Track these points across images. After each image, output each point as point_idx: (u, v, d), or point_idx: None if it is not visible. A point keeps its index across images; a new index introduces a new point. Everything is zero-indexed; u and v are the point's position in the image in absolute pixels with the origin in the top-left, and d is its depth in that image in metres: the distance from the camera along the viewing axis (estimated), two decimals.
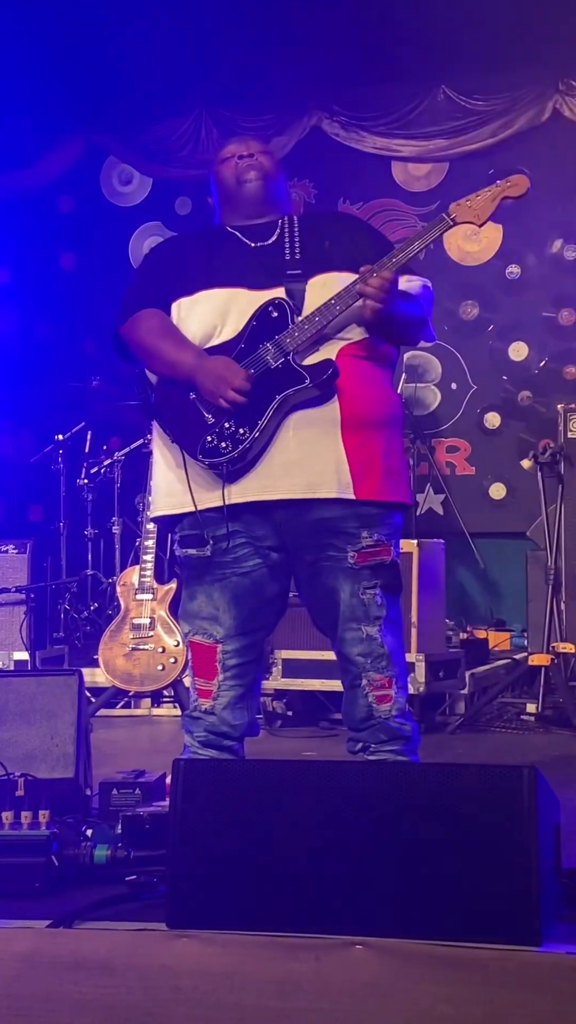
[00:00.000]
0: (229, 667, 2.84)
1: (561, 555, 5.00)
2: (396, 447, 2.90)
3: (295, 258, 2.86)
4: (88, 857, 2.52)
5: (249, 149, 3.01)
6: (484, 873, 2.03)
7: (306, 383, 2.76)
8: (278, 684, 5.01)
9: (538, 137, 6.67)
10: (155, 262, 3.05)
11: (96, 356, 7.16)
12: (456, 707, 5.07)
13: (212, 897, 2.13)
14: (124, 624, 4.97)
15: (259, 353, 2.79)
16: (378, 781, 2.16)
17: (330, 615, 2.84)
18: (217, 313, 2.85)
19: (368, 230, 3.09)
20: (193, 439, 2.81)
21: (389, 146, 6.85)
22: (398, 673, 2.83)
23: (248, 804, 2.17)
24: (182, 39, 6.51)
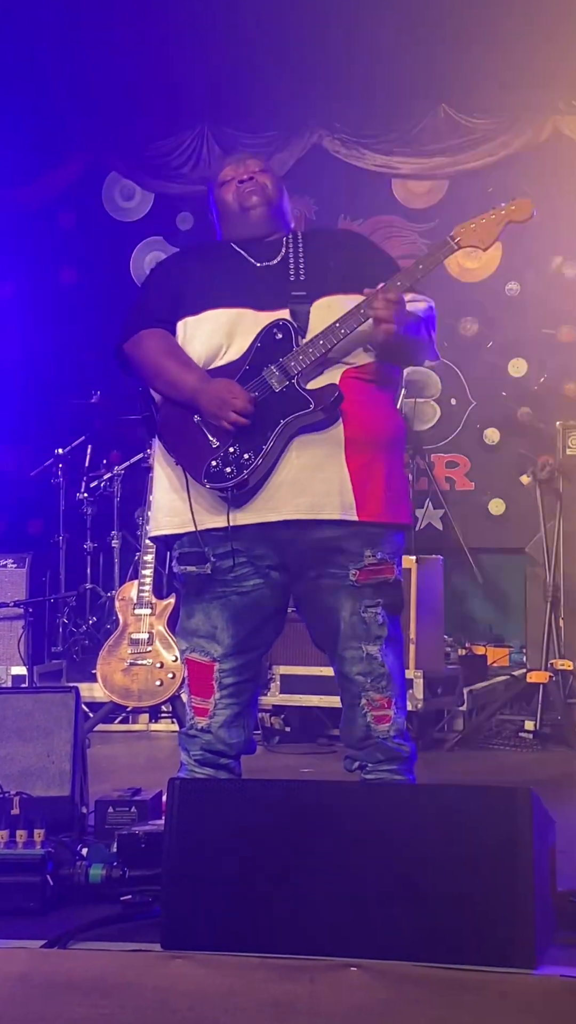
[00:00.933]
0: (226, 685, 2.84)
1: (559, 571, 5.00)
2: (398, 468, 2.91)
3: (300, 279, 2.86)
4: (83, 876, 2.52)
5: (248, 171, 2.98)
6: (479, 895, 2.03)
7: (310, 408, 2.76)
8: (276, 700, 5.01)
9: (538, 156, 6.69)
10: (161, 279, 3.04)
11: (97, 370, 7.16)
12: (454, 724, 5.06)
13: (207, 918, 2.13)
14: (122, 639, 4.97)
15: (263, 376, 2.79)
16: (374, 802, 2.16)
17: (330, 633, 2.84)
18: (222, 333, 2.85)
19: (371, 249, 3.08)
20: (197, 462, 2.81)
21: (389, 163, 6.87)
22: (398, 693, 2.83)
23: (244, 824, 2.17)
24: (184, 56, 6.54)
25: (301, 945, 2.07)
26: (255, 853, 2.15)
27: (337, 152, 6.92)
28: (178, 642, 2.97)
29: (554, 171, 6.68)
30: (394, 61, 6.43)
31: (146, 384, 2.96)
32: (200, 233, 7.13)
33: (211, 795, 2.24)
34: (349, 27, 6.25)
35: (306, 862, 2.12)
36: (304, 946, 2.06)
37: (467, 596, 6.67)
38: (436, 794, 2.15)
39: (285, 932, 2.09)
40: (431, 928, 2.04)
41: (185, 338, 2.89)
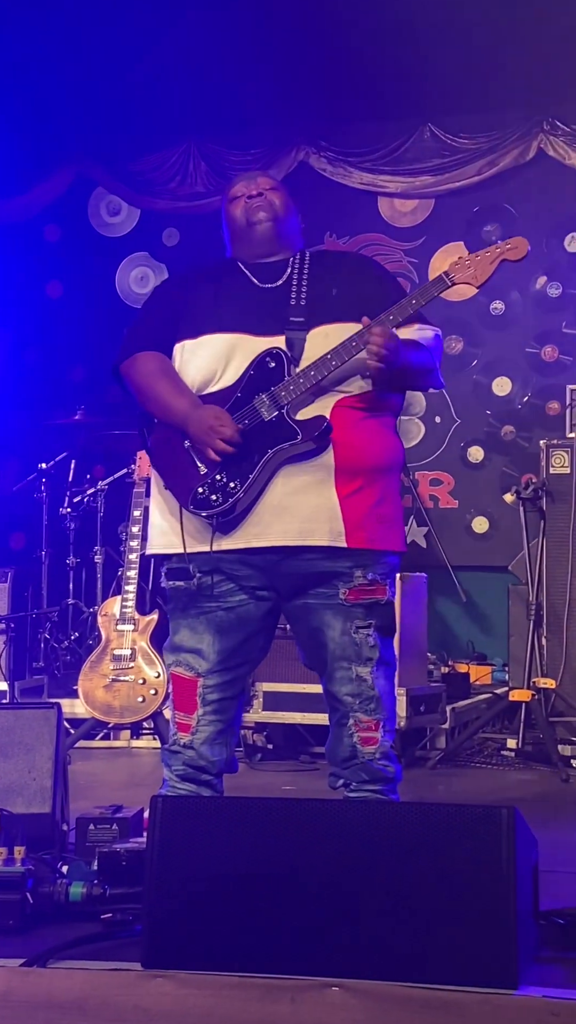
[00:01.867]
0: (210, 701, 2.83)
1: (542, 590, 5.01)
2: (391, 494, 2.90)
3: (300, 304, 2.85)
4: (63, 894, 2.50)
5: (258, 188, 2.99)
6: (462, 915, 2.03)
7: (297, 439, 2.77)
8: (259, 717, 5.00)
9: (523, 175, 6.73)
10: (161, 299, 3.05)
11: (82, 385, 7.17)
12: (437, 741, 5.05)
13: (188, 936, 2.12)
14: (105, 655, 4.95)
15: (254, 404, 2.80)
16: (357, 820, 2.15)
17: (320, 653, 2.84)
18: (218, 359, 2.85)
19: (379, 278, 3.03)
20: (184, 488, 2.83)
21: (375, 182, 6.90)
22: (386, 717, 2.83)
23: (226, 842, 2.16)
24: (172, 72, 6.56)
25: (283, 964, 2.06)
26: (237, 871, 2.14)
27: (323, 170, 6.95)
28: (164, 656, 2.97)
29: (539, 191, 6.73)
30: (380, 80, 6.46)
31: (140, 406, 2.97)
32: (186, 249, 7.15)
33: (193, 813, 2.23)
34: (336, 46, 6.28)
35: (288, 880, 2.11)
36: (286, 965, 2.05)
37: (450, 614, 6.68)
38: (419, 812, 2.14)
39: (267, 951, 2.08)
40: (413, 947, 2.03)
41: (182, 361, 2.90)
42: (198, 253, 3.14)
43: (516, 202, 6.78)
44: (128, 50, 6.36)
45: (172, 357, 2.91)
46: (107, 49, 6.36)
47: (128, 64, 6.46)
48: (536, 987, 2.00)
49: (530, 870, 2.20)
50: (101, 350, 7.14)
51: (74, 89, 6.74)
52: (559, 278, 6.69)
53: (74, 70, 6.58)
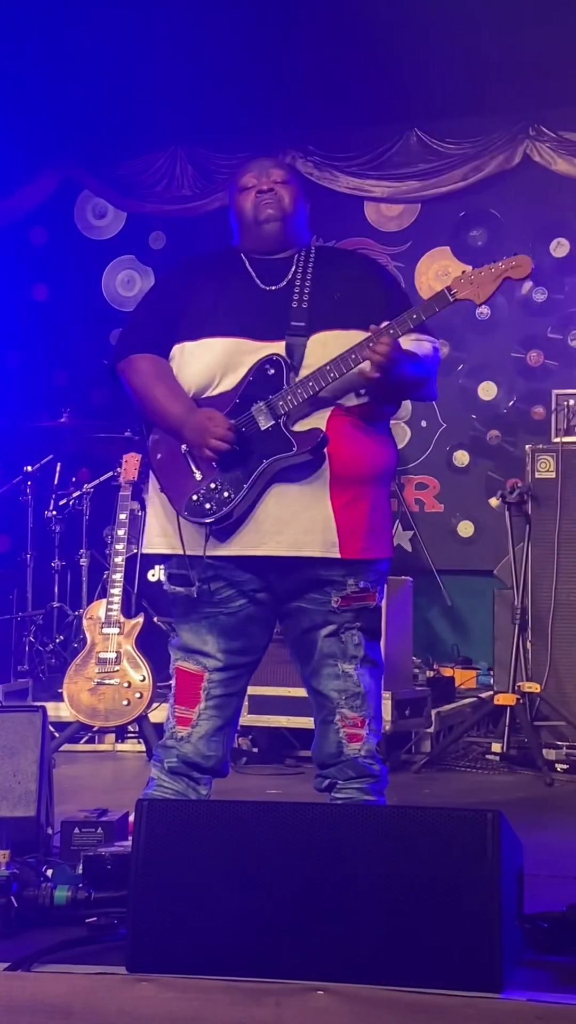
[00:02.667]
0: (213, 696, 2.86)
1: (528, 594, 5.03)
2: (383, 502, 2.92)
3: (302, 307, 2.84)
4: (48, 898, 2.49)
5: (269, 182, 2.94)
6: (446, 919, 2.03)
7: (293, 451, 2.77)
8: (244, 720, 4.98)
9: (509, 181, 6.75)
10: (161, 297, 3.02)
11: (67, 387, 7.16)
12: (422, 745, 5.06)
13: (173, 940, 2.11)
14: (90, 658, 4.94)
15: (251, 413, 2.80)
16: (341, 824, 2.15)
17: (308, 652, 2.87)
18: (217, 363, 2.85)
19: (383, 283, 3.02)
20: (180, 494, 2.84)
21: (362, 186, 6.91)
22: (372, 716, 2.85)
23: (210, 846, 2.16)
24: (159, 75, 6.55)
25: (267, 968, 2.06)
26: (221, 875, 2.13)
27: (310, 174, 6.95)
28: (172, 653, 2.98)
29: (525, 196, 6.75)
30: (367, 85, 6.47)
31: (137, 408, 2.97)
32: (173, 253, 7.14)
33: (178, 816, 2.23)
34: (323, 50, 6.29)
35: (273, 884, 2.11)
36: (271, 969, 2.05)
37: (435, 618, 6.69)
38: (404, 816, 2.14)
39: (252, 955, 2.08)
40: (398, 951, 2.04)
41: (181, 363, 2.89)
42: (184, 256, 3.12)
43: (502, 207, 6.80)
44: (115, 53, 6.35)
45: (171, 357, 2.90)
46: (93, 52, 6.35)
47: (115, 67, 6.45)
48: (520, 990, 2.00)
49: (515, 874, 2.20)
50: (87, 353, 7.22)
51: (60, 92, 6.73)
52: (545, 283, 6.71)
53: (61, 73, 6.57)
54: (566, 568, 4.99)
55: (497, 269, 2.84)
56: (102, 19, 6.11)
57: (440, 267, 6.81)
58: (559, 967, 2.18)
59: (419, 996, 1.97)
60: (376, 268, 3.13)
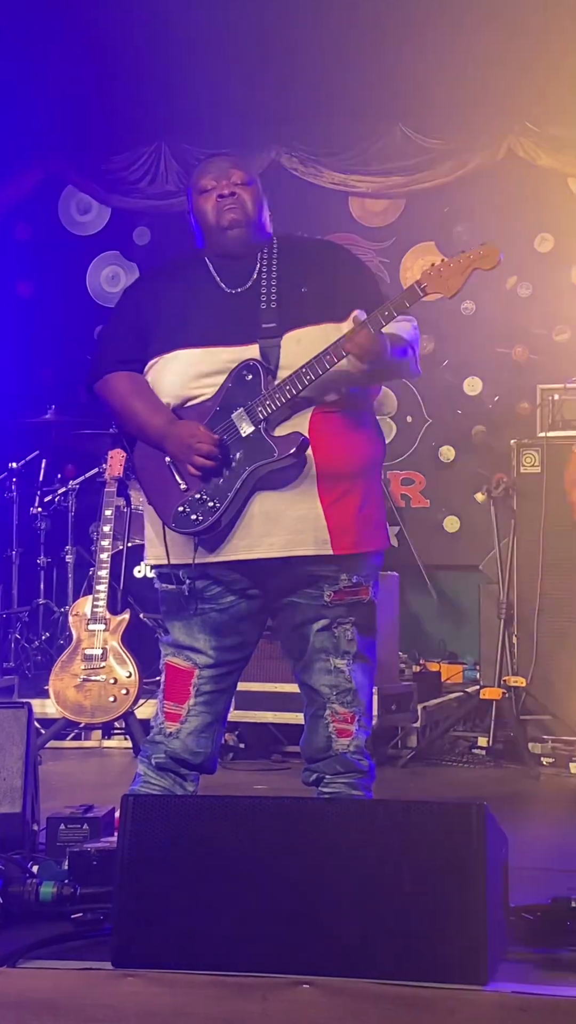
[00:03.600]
0: (203, 692, 2.86)
1: (513, 589, 5.04)
2: (374, 493, 2.92)
3: (271, 307, 2.83)
4: (34, 894, 2.49)
5: (230, 185, 2.91)
6: (432, 912, 2.03)
7: (275, 456, 2.77)
8: (231, 716, 4.91)
9: (493, 176, 6.76)
10: (130, 311, 3.00)
11: (52, 384, 7.14)
12: (408, 740, 5.06)
13: (159, 936, 2.11)
14: (76, 654, 4.93)
15: (232, 420, 2.80)
16: (328, 818, 2.16)
17: (300, 646, 2.87)
18: (192, 373, 2.85)
19: (349, 268, 2.99)
20: (166, 505, 2.84)
21: (347, 182, 6.92)
22: (362, 712, 2.86)
23: (196, 841, 2.16)
24: (143, 71, 6.54)
25: (253, 962, 2.06)
26: (207, 870, 2.14)
27: (295, 170, 6.96)
28: (162, 648, 2.98)
29: (509, 191, 6.76)
30: (352, 81, 6.47)
31: (117, 425, 2.98)
32: (157, 249, 7.13)
33: (164, 811, 2.23)
34: (307, 47, 6.28)
35: (258, 879, 2.11)
36: (256, 963, 2.05)
37: (421, 613, 6.70)
38: (390, 810, 2.15)
39: (237, 949, 2.08)
40: (384, 944, 2.04)
41: (156, 377, 2.89)
42: (169, 252, 3.10)
43: (486, 203, 6.81)
44: (99, 48, 6.34)
45: (146, 372, 2.90)
46: (77, 47, 6.34)
47: (98, 62, 6.43)
48: (506, 983, 2.01)
49: (500, 867, 2.21)
50: (72, 349, 7.19)
51: (44, 87, 6.71)
52: (529, 278, 6.72)
53: (44, 68, 6.55)
54: (551, 563, 5.00)
55: (465, 260, 2.81)
56: (86, 14, 6.10)
57: (425, 262, 6.71)
58: (544, 959, 2.18)
59: (404, 989, 1.97)
60: (339, 252, 3.08)
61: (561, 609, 5.01)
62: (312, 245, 3.08)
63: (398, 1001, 1.94)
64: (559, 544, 4.97)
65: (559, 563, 4.98)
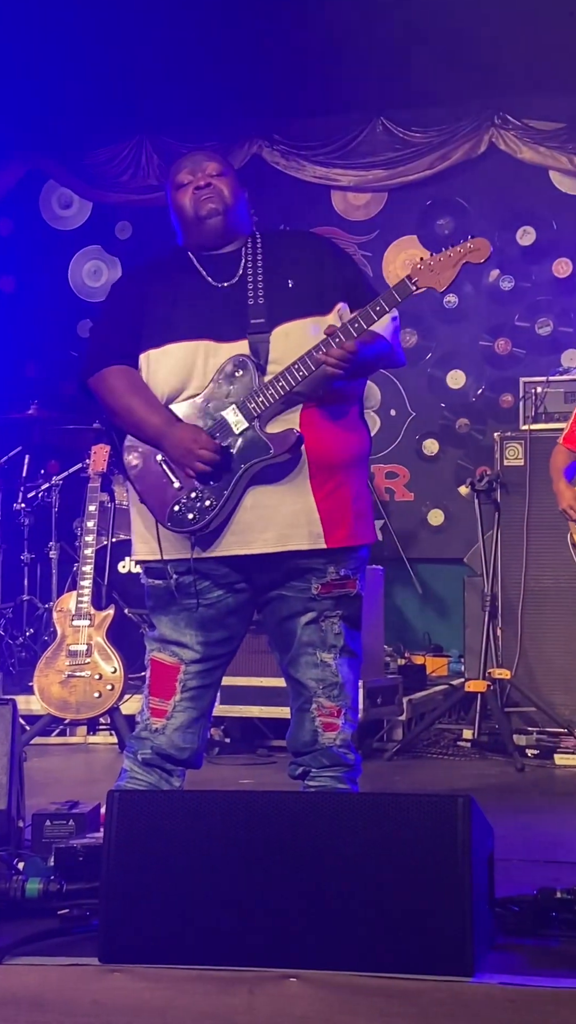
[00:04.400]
0: (189, 688, 2.86)
1: (497, 581, 5.05)
2: (363, 486, 2.93)
3: (259, 303, 2.83)
4: (20, 891, 2.48)
5: (205, 176, 2.91)
6: (418, 904, 2.04)
7: (270, 454, 2.77)
8: (216, 710, 4.92)
9: (474, 169, 6.77)
10: (119, 306, 2.99)
11: (35, 379, 7.12)
12: (394, 733, 5.08)
13: (145, 931, 2.11)
14: (60, 650, 4.92)
15: (224, 416, 2.80)
16: (313, 812, 2.16)
17: (287, 639, 2.87)
18: (183, 368, 2.84)
19: (333, 259, 2.98)
20: (160, 503, 2.84)
21: (328, 175, 6.91)
22: (348, 706, 2.86)
23: (182, 836, 2.16)
24: (124, 65, 6.52)
25: (240, 956, 2.06)
26: (193, 865, 2.14)
27: (276, 163, 6.95)
28: (148, 644, 2.97)
29: (491, 184, 6.77)
30: (333, 74, 6.46)
31: (111, 421, 2.95)
32: (139, 243, 7.11)
33: (150, 806, 2.23)
34: (289, 39, 6.27)
35: (245, 873, 2.11)
36: (243, 957, 2.06)
37: (406, 606, 6.71)
38: (376, 802, 2.15)
39: (224, 944, 2.08)
40: (370, 937, 2.04)
41: (149, 372, 2.88)
42: (151, 246, 3.09)
43: (468, 196, 6.81)
44: (79, 42, 6.31)
45: (138, 367, 2.89)
46: (58, 41, 6.31)
47: (80, 56, 6.41)
48: (492, 974, 2.02)
49: (485, 858, 2.22)
50: (55, 344, 7.18)
51: (25, 81, 6.68)
52: (511, 271, 6.73)
53: (25, 62, 6.52)
54: (535, 555, 5.02)
55: (456, 254, 2.82)
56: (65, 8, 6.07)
57: (408, 256, 6.82)
58: (530, 950, 2.19)
59: (391, 981, 1.98)
60: (324, 245, 3.07)
61: (545, 601, 5.03)
62: (296, 238, 3.10)
63: (385, 993, 1.95)
64: (543, 536, 4.98)
65: (543, 555, 5.00)
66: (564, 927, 2.25)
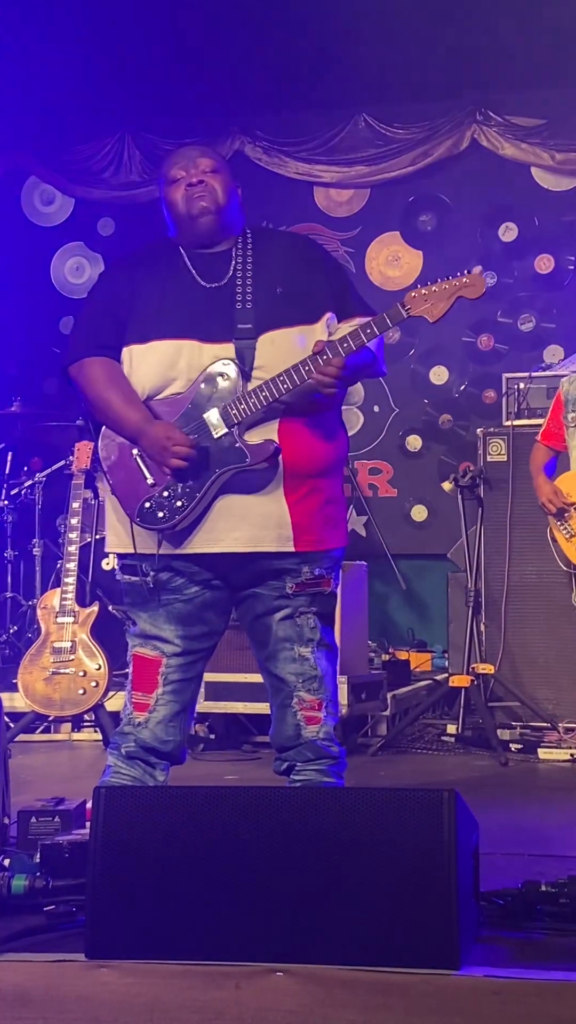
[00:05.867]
0: (171, 682, 2.87)
1: (481, 577, 5.07)
2: (336, 492, 2.94)
3: (246, 307, 2.82)
4: (6, 887, 2.48)
5: (199, 173, 2.90)
6: (404, 897, 2.05)
7: (246, 463, 2.77)
8: (201, 707, 4.97)
9: (457, 165, 6.78)
10: (106, 296, 2.98)
11: (18, 376, 7.10)
12: (378, 728, 5.09)
13: (132, 926, 2.12)
14: (44, 648, 4.91)
15: (205, 420, 2.80)
16: (299, 806, 2.16)
17: (264, 637, 2.88)
18: (167, 365, 2.83)
19: (324, 270, 2.98)
20: (132, 498, 2.84)
21: (311, 172, 6.91)
22: (329, 698, 2.87)
23: (168, 831, 2.16)
24: (105, 60, 6.50)
25: (227, 951, 2.06)
26: (180, 860, 2.14)
27: (259, 159, 6.94)
28: (129, 640, 2.97)
29: (473, 180, 6.78)
30: (315, 70, 6.46)
31: (89, 411, 2.95)
32: (122, 239, 7.09)
33: (136, 802, 2.23)
34: (271, 36, 6.27)
35: (231, 868, 2.12)
36: (230, 952, 2.06)
37: (390, 602, 6.72)
38: (361, 797, 2.16)
39: (210, 939, 2.09)
40: (356, 931, 2.05)
41: (131, 367, 2.87)
42: (134, 243, 3.08)
43: (451, 192, 6.83)
44: (61, 38, 6.29)
45: (120, 360, 2.89)
46: (40, 37, 6.29)
47: (61, 52, 6.39)
48: (478, 967, 2.03)
49: (471, 852, 2.23)
50: (37, 341, 7.16)
51: (6, 77, 6.66)
52: (493, 267, 6.74)
53: (6, 58, 6.50)
54: (518, 550, 5.04)
55: (451, 287, 2.85)
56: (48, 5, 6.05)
57: (390, 252, 6.83)
58: (515, 943, 2.20)
59: (377, 975, 1.98)
60: (315, 252, 3.06)
61: (529, 596, 5.04)
62: (287, 241, 3.09)
63: (372, 987, 1.95)
64: (526, 532, 5.00)
65: (526, 551, 5.01)
66: (549, 920, 2.27)
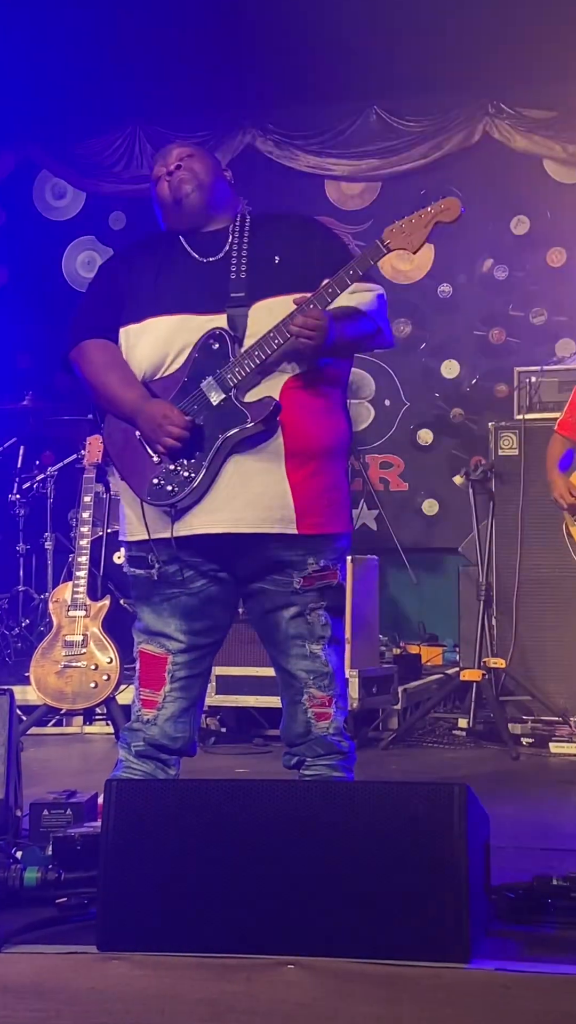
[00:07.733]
0: (178, 678, 2.87)
1: (492, 571, 5.06)
2: (340, 477, 2.92)
3: (240, 277, 2.82)
4: (18, 880, 2.49)
5: (175, 161, 2.93)
6: (415, 890, 2.05)
7: (248, 423, 2.76)
8: (212, 700, 5.00)
9: (469, 158, 6.77)
10: (105, 282, 3.00)
11: (30, 370, 7.11)
12: (389, 722, 5.09)
13: (144, 919, 2.12)
14: (56, 641, 4.93)
15: (201, 389, 2.79)
16: (310, 800, 2.16)
17: (274, 633, 2.87)
18: (164, 342, 2.83)
19: (321, 240, 2.97)
20: (139, 478, 2.83)
21: (322, 165, 6.91)
22: (338, 693, 2.87)
23: (180, 824, 2.17)
24: (116, 54, 6.50)
25: (238, 944, 2.07)
26: (191, 853, 2.14)
27: (270, 153, 6.94)
28: (135, 636, 2.97)
29: (485, 173, 6.76)
30: (326, 63, 6.45)
31: (90, 396, 2.96)
32: (133, 233, 7.09)
33: (148, 795, 2.23)
34: (280, 28, 6.26)
35: (242, 861, 2.12)
36: (241, 945, 2.06)
37: (401, 596, 6.72)
38: (372, 791, 2.16)
39: (222, 931, 2.09)
40: (367, 924, 2.05)
41: (128, 347, 2.88)
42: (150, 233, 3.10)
43: (462, 185, 6.79)
44: (73, 32, 6.30)
45: (118, 342, 2.89)
46: (51, 31, 6.30)
47: (73, 46, 6.39)
48: (488, 960, 2.02)
49: (482, 845, 2.23)
50: (49, 335, 7.08)
51: (17, 72, 6.66)
52: (505, 261, 6.73)
53: (17, 52, 6.50)
54: (529, 544, 5.03)
55: (427, 215, 2.83)
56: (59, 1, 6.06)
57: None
58: (525, 936, 2.20)
59: (388, 968, 1.98)
60: (314, 225, 3.06)
61: (540, 590, 5.04)
62: (286, 217, 3.07)
63: (382, 980, 1.96)
64: (538, 525, 4.99)
65: (538, 544, 5.01)
66: (559, 914, 2.26)
